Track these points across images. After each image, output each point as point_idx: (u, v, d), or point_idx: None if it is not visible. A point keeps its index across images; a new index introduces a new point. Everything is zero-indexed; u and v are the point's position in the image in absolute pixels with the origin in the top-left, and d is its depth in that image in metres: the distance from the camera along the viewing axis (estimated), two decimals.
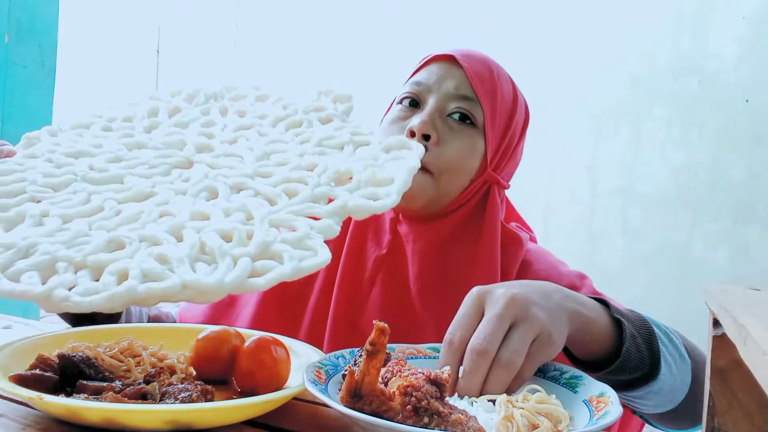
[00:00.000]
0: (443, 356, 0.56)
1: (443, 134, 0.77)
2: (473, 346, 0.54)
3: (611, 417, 0.49)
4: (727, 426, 0.43)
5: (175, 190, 0.62)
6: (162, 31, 6.13)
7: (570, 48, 4.42)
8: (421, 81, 0.80)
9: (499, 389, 0.53)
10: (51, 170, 0.65)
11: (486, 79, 0.80)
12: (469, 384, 0.53)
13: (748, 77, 3.94)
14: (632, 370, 0.62)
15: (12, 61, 1.98)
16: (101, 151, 0.70)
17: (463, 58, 0.80)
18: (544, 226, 4.49)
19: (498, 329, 0.54)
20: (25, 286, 0.48)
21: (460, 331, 0.56)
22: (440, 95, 0.79)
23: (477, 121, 0.79)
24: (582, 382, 0.58)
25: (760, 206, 3.92)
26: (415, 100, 0.80)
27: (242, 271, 0.49)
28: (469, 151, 0.78)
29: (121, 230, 0.55)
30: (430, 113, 0.77)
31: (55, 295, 0.46)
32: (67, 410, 0.48)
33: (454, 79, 0.79)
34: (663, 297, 4.08)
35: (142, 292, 0.47)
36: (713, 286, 0.46)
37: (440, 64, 0.81)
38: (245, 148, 0.70)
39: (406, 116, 0.79)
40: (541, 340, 0.55)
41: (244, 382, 0.59)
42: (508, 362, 0.53)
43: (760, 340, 0.28)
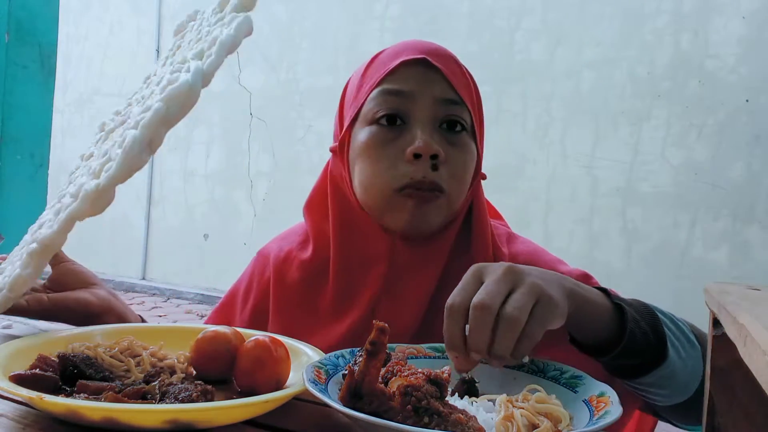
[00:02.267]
0: (445, 322, 0.55)
1: (446, 149, 0.72)
2: (475, 302, 0.53)
3: (611, 417, 0.49)
4: (727, 426, 0.43)
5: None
6: (162, 30, 6.13)
7: (570, 48, 4.42)
8: (400, 89, 0.72)
9: (506, 347, 0.52)
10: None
11: (461, 77, 0.75)
12: (476, 341, 0.52)
13: (748, 77, 3.94)
14: (639, 353, 0.61)
15: (12, 61, 1.98)
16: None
17: (436, 59, 0.73)
18: (544, 226, 4.50)
19: (498, 289, 0.53)
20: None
21: (459, 296, 0.55)
22: (427, 105, 0.72)
23: (467, 125, 0.74)
24: (582, 382, 0.58)
25: (760, 206, 3.92)
26: (395, 116, 0.72)
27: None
28: (471, 159, 0.75)
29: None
30: (427, 129, 0.71)
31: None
32: (67, 410, 0.48)
33: (435, 83, 0.73)
34: (663, 297, 4.08)
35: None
36: (713, 286, 0.46)
37: (413, 69, 0.73)
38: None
39: (393, 136, 0.72)
40: (542, 302, 0.54)
41: (244, 382, 0.59)
42: (511, 317, 0.52)
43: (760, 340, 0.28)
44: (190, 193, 5.93)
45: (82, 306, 0.76)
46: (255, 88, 5.59)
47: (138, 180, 6.09)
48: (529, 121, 4.54)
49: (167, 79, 0.61)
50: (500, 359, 0.53)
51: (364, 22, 5.16)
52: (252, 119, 5.59)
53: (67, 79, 6.42)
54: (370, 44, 5.11)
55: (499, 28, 4.63)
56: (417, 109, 0.72)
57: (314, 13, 5.40)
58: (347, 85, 0.81)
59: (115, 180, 0.59)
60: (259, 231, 5.47)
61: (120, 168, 0.59)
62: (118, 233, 6.23)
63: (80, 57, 6.53)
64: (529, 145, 4.53)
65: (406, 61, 0.73)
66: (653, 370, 0.61)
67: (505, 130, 4.57)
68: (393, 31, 5.01)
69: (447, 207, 0.73)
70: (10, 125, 1.99)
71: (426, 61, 0.73)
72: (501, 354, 0.52)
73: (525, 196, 4.52)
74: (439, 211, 0.72)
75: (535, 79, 4.51)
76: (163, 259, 6.03)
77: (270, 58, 5.56)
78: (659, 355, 0.61)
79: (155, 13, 6.11)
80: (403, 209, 0.71)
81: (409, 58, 0.73)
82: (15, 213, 1.87)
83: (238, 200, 5.66)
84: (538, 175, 4.51)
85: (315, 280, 0.79)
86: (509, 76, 4.57)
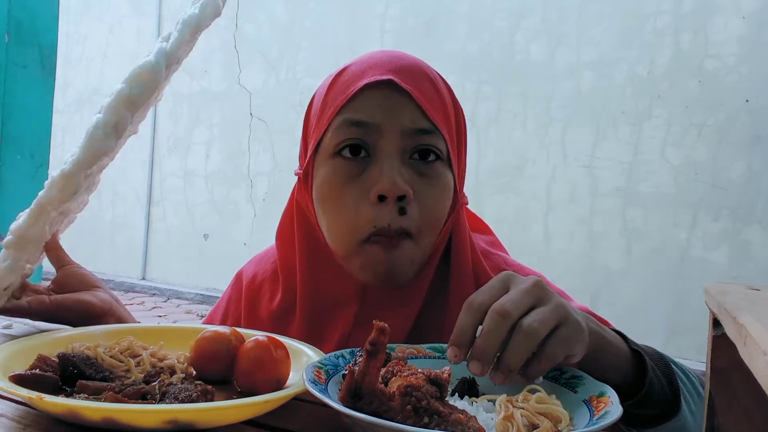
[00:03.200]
0: (460, 317, 0.52)
1: (416, 185, 0.64)
2: (495, 306, 0.50)
3: (611, 417, 0.49)
4: (727, 426, 0.43)
5: None
6: (162, 30, 6.12)
7: (570, 48, 4.42)
8: (363, 120, 0.64)
9: (518, 358, 0.49)
10: None
11: (435, 99, 0.66)
12: (485, 344, 0.49)
13: (748, 77, 3.94)
14: (654, 404, 0.59)
15: (12, 61, 1.98)
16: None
17: (403, 79, 0.64)
18: (544, 226, 4.50)
19: (522, 300, 0.50)
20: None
21: (482, 296, 0.52)
22: (395, 135, 0.64)
23: (441, 153, 0.66)
24: (582, 382, 0.58)
25: (760, 206, 3.92)
26: (357, 146, 0.65)
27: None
28: (445, 193, 0.67)
29: None
30: (395, 164, 0.63)
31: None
32: (67, 410, 0.48)
33: (404, 110, 0.64)
34: (663, 297, 4.08)
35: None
36: (713, 286, 0.46)
37: (379, 93, 0.64)
38: None
39: (358, 171, 0.65)
40: (568, 324, 0.50)
41: (244, 382, 0.59)
42: (529, 328, 0.49)
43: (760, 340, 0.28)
44: (190, 193, 5.93)
45: (84, 307, 0.75)
46: (255, 88, 5.59)
47: (138, 180, 6.10)
48: (529, 121, 4.54)
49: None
50: (506, 372, 0.50)
51: (364, 22, 5.16)
52: (252, 119, 5.59)
53: (67, 79, 6.42)
54: (370, 44, 5.11)
55: (499, 28, 4.63)
56: (384, 142, 0.64)
57: (314, 13, 5.40)
58: (311, 102, 0.74)
59: (79, 164, 0.57)
60: (259, 231, 5.47)
61: (84, 151, 0.57)
62: (118, 233, 6.23)
63: (80, 57, 6.53)
64: (529, 145, 4.53)
65: (371, 83, 0.64)
66: (666, 421, 0.60)
67: (505, 130, 4.57)
68: (393, 31, 5.01)
69: (418, 251, 0.66)
70: (10, 125, 1.99)
71: (393, 83, 0.64)
72: (509, 365, 0.50)
73: (525, 196, 4.52)
74: (410, 257, 0.66)
75: (535, 79, 4.51)
76: (163, 259, 6.03)
77: (270, 58, 5.56)
78: (672, 407, 0.60)
79: (155, 13, 6.11)
80: (370, 259, 0.65)
81: (373, 80, 0.64)
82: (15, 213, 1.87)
83: (238, 200, 5.66)
84: (538, 175, 4.51)
85: (284, 316, 0.76)
86: (509, 76, 4.57)
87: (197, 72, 5.90)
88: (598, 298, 4.18)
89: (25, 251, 0.61)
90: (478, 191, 4.44)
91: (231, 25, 5.74)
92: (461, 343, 0.52)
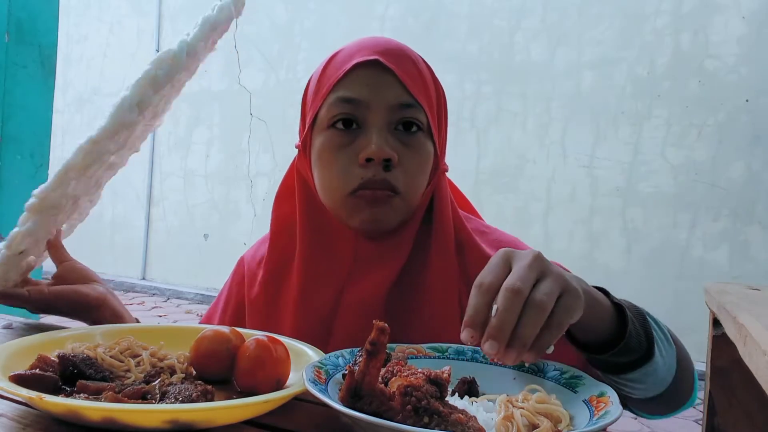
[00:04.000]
0: (472, 299, 0.54)
1: (400, 152, 0.73)
2: (508, 285, 0.52)
3: (611, 417, 0.49)
4: (727, 426, 0.43)
5: None
6: (162, 30, 6.12)
7: (570, 48, 4.42)
8: (353, 97, 0.73)
9: (532, 332, 0.52)
10: None
11: (417, 78, 0.76)
12: (502, 322, 0.51)
13: (748, 77, 3.94)
14: (631, 351, 0.63)
15: (12, 61, 1.98)
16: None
17: (388, 60, 0.74)
18: (544, 226, 4.50)
19: (530, 275, 0.53)
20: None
21: (489, 277, 0.54)
22: (382, 109, 0.73)
23: (422, 125, 0.76)
24: (582, 382, 0.58)
25: (760, 206, 3.92)
26: (349, 120, 0.74)
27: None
28: (426, 159, 0.76)
29: None
30: (382, 133, 0.73)
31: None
32: (67, 410, 0.48)
33: (389, 87, 0.73)
34: (663, 297, 4.08)
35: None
36: (713, 286, 0.46)
37: (366, 72, 0.74)
38: None
39: (348, 140, 0.74)
40: (569, 293, 0.54)
41: (244, 381, 0.59)
42: (540, 302, 0.52)
43: (760, 340, 0.28)
44: (190, 193, 5.93)
45: (79, 297, 0.81)
46: (255, 88, 5.59)
47: (138, 180, 6.09)
48: (529, 121, 4.54)
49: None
50: (520, 348, 0.52)
51: (364, 22, 5.16)
52: (252, 119, 5.59)
53: (67, 79, 6.42)
54: None
55: (499, 28, 4.63)
56: (371, 115, 0.73)
57: (314, 13, 5.40)
58: (309, 82, 0.82)
59: (105, 132, 0.64)
60: (259, 231, 5.46)
61: (110, 120, 0.64)
62: (118, 233, 6.23)
63: (80, 57, 6.53)
64: (529, 145, 4.53)
65: (360, 63, 0.74)
66: (640, 367, 0.64)
67: (505, 130, 4.58)
68: (393, 31, 5.00)
69: (402, 206, 0.75)
70: (10, 125, 1.99)
71: (380, 63, 0.73)
72: (524, 340, 0.51)
73: (525, 196, 4.52)
74: (395, 210, 0.75)
75: (535, 79, 4.51)
76: (163, 259, 6.03)
77: (270, 58, 5.56)
78: (647, 354, 0.64)
79: (155, 13, 6.11)
80: (358, 210, 0.74)
81: (361, 60, 0.74)
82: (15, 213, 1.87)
83: (238, 200, 5.66)
84: (538, 175, 4.51)
85: (279, 274, 0.82)
86: (509, 76, 4.57)
87: (197, 72, 5.90)
88: None
89: (45, 214, 0.64)
90: (478, 191, 4.44)
91: (231, 25, 5.73)
92: (477, 323, 0.53)
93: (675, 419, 3.15)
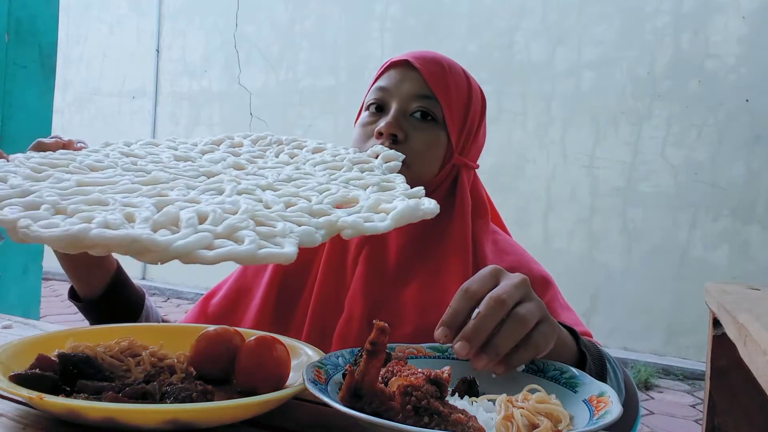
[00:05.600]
0: (455, 301, 0.57)
1: (408, 131, 0.85)
2: (493, 294, 0.55)
3: (611, 417, 0.49)
4: (727, 426, 0.43)
5: (187, 184, 0.63)
6: (162, 30, 6.13)
7: (570, 48, 4.42)
8: (383, 86, 0.88)
9: (509, 343, 0.54)
10: (100, 158, 0.70)
11: (439, 77, 0.87)
12: (479, 326, 0.54)
13: (748, 77, 3.94)
14: None
15: (12, 61, 1.98)
16: (150, 156, 0.73)
17: (416, 60, 0.87)
18: (544, 226, 4.50)
19: (515, 292, 0.56)
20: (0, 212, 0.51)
21: (476, 284, 0.57)
22: (401, 98, 0.86)
23: (437, 117, 0.86)
24: (582, 382, 0.58)
25: (760, 206, 3.92)
26: (380, 105, 0.88)
27: (196, 241, 0.48)
28: (433, 143, 0.86)
29: (112, 195, 0.57)
30: (395, 115, 0.85)
31: (20, 223, 0.49)
32: (67, 410, 0.48)
33: (411, 81, 0.87)
34: (663, 297, 4.08)
35: (92, 236, 0.47)
36: (713, 286, 0.46)
37: (398, 70, 0.88)
38: (274, 171, 0.71)
39: (373, 120, 0.87)
40: (547, 320, 0.57)
41: (244, 381, 0.59)
42: (523, 317, 0.54)
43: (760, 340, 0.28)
44: None
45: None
46: (255, 88, 5.59)
47: None
48: (529, 121, 4.54)
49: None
50: (492, 356, 0.54)
51: (364, 22, 5.16)
52: (252, 119, 5.59)
53: (67, 79, 6.42)
54: (370, 44, 5.11)
55: (499, 28, 4.63)
56: (393, 101, 0.87)
57: (314, 13, 5.40)
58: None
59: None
60: None
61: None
62: None
63: (80, 57, 6.54)
64: (529, 145, 4.53)
65: (395, 63, 0.89)
66: None
67: (505, 130, 4.58)
68: (393, 31, 5.01)
69: (408, 176, 0.81)
70: (10, 125, 1.99)
71: (410, 63, 0.88)
72: (498, 349, 0.54)
73: (525, 196, 4.52)
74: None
75: (535, 79, 4.51)
76: None
77: (270, 58, 5.56)
78: None
79: (155, 13, 6.11)
80: None
81: (396, 60, 0.89)
82: None
83: None
84: (538, 175, 4.51)
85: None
86: (509, 76, 4.57)
87: (197, 72, 5.91)
88: (598, 298, 4.18)
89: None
90: None
91: (231, 25, 5.74)
92: (453, 324, 0.56)
93: (675, 419, 3.15)
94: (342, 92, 5.20)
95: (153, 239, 0.47)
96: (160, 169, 0.68)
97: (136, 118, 6.17)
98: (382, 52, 5.03)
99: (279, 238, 0.52)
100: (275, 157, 0.79)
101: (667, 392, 3.61)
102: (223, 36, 5.76)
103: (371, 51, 5.11)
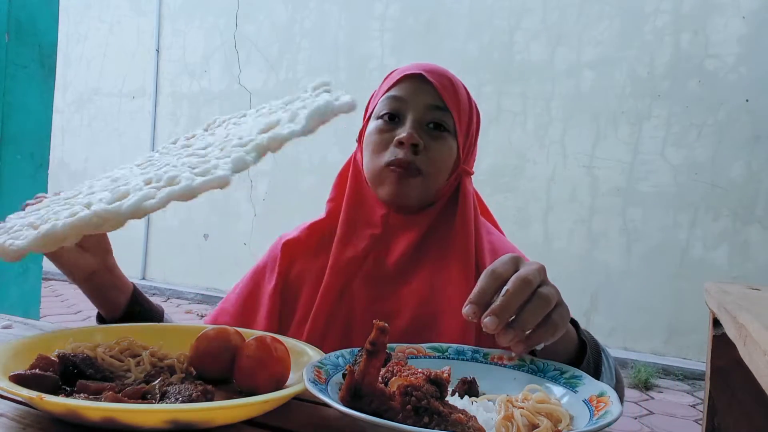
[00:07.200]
0: (482, 281, 0.59)
1: (427, 142, 0.90)
2: (520, 274, 0.59)
3: (611, 417, 0.49)
4: (727, 426, 0.43)
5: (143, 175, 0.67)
6: (162, 30, 6.12)
7: (570, 48, 4.42)
8: (399, 96, 0.92)
9: (534, 319, 0.57)
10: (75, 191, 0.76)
11: (451, 91, 0.93)
12: (508, 303, 0.57)
13: (748, 77, 3.94)
14: None
15: (12, 61, 1.98)
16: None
17: (430, 74, 0.92)
18: (544, 226, 4.50)
19: (537, 276, 0.59)
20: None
21: (501, 267, 0.61)
22: (417, 109, 0.91)
23: (449, 127, 0.91)
24: (582, 382, 0.58)
25: (760, 206, 3.92)
26: (394, 115, 0.92)
27: (142, 197, 0.54)
28: (448, 153, 0.91)
29: (78, 200, 0.64)
30: (414, 125, 0.90)
31: (6, 244, 0.57)
32: (67, 410, 0.48)
33: (426, 93, 0.91)
34: (663, 297, 4.08)
35: (60, 227, 0.55)
36: (713, 285, 0.46)
37: (412, 82, 0.92)
38: (216, 137, 0.75)
39: (390, 128, 0.91)
40: (563, 305, 0.61)
41: (245, 381, 0.59)
42: (547, 297, 0.58)
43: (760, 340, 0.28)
44: None
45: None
46: (255, 88, 5.59)
47: None
48: (529, 121, 4.54)
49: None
50: (519, 331, 0.57)
51: (364, 22, 5.16)
52: None
53: (67, 79, 6.42)
54: (370, 44, 5.11)
55: (499, 28, 4.63)
56: (410, 111, 0.91)
57: (314, 13, 5.40)
58: (372, 94, 1.01)
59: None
60: (259, 231, 5.47)
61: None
62: (118, 233, 6.17)
63: (80, 57, 6.53)
64: (529, 145, 4.53)
65: (408, 76, 0.93)
66: None
67: (505, 130, 4.57)
68: (393, 31, 5.01)
69: (423, 185, 0.90)
70: (10, 125, 1.99)
71: (423, 76, 0.92)
72: (524, 325, 0.57)
73: (525, 196, 4.52)
74: (416, 188, 0.89)
75: (535, 79, 4.51)
76: (163, 259, 6.03)
77: (270, 58, 5.56)
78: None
79: (155, 13, 6.11)
80: (388, 181, 0.90)
81: (409, 73, 0.93)
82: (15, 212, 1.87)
83: (238, 200, 5.66)
84: (538, 175, 4.51)
85: (323, 238, 0.97)
86: (509, 76, 4.57)
87: (197, 72, 5.91)
88: (597, 297, 4.18)
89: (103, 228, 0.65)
90: (478, 191, 4.44)
91: (231, 25, 5.74)
92: (481, 302, 0.58)
93: (675, 419, 3.15)
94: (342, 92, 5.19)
95: (106, 209, 0.54)
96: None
97: (136, 118, 6.17)
98: (382, 51, 5.03)
99: (213, 169, 0.57)
100: (224, 130, 0.82)
101: (667, 392, 3.61)
102: (223, 36, 5.76)
103: (371, 51, 5.11)
